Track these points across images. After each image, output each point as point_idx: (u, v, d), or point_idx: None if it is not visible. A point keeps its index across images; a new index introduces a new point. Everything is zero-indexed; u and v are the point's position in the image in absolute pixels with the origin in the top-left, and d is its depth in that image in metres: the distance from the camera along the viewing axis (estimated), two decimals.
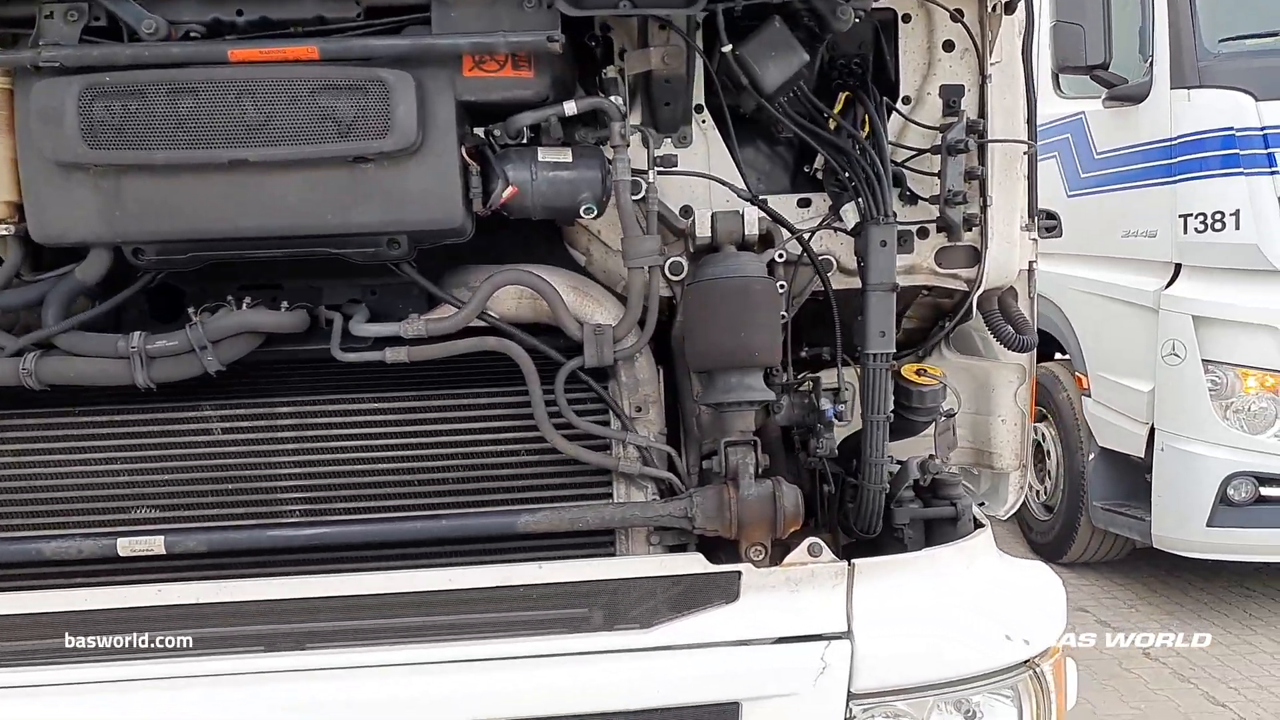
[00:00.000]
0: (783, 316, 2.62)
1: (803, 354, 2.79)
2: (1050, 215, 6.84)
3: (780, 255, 2.61)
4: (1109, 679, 5.45)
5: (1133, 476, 6.21)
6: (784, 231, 2.62)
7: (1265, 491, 5.62)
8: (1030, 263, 2.84)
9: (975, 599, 2.55)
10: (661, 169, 2.49)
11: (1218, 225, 5.53)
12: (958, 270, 2.72)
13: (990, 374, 2.98)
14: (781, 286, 2.61)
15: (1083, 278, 6.49)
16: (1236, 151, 5.50)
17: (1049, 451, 6.93)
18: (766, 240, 2.62)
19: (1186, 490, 5.74)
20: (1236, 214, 5.48)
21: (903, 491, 2.72)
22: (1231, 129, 5.49)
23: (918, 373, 2.69)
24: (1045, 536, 7.00)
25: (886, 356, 2.52)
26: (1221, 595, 6.42)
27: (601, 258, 2.71)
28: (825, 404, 2.59)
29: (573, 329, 2.51)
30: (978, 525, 2.80)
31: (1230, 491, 5.63)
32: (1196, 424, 5.68)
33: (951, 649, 2.46)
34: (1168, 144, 5.74)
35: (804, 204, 2.73)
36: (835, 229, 2.66)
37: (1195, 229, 5.60)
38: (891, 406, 2.57)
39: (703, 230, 2.52)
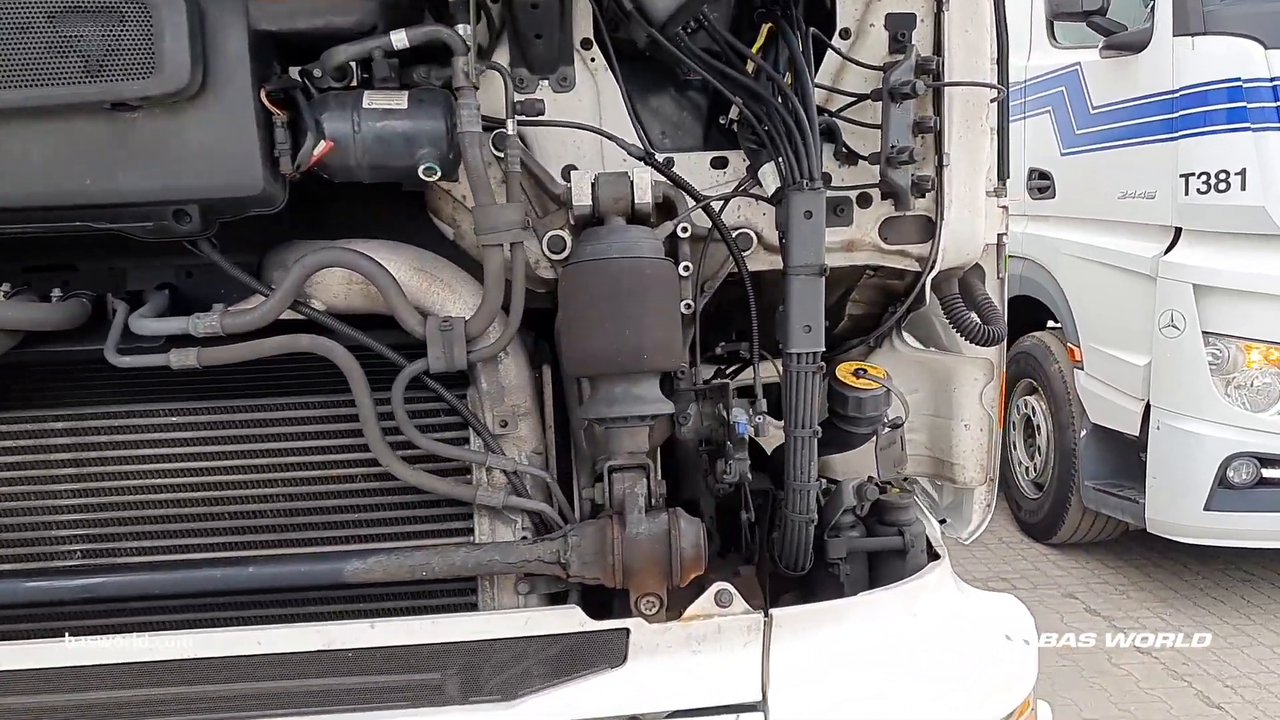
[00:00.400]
0: (687, 306, 2.05)
1: (718, 351, 2.22)
2: (1043, 175, 6.40)
3: (683, 229, 2.03)
4: (1097, 675, 4.92)
5: (1126, 455, 5.64)
6: (689, 199, 2.04)
7: (1267, 473, 5.09)
8: (999, 235, 2.26)
9: (921, 655, 2.03)
10: (524, 118, 1.91)
11: (1222, 185, 4.96)
12: (907, 246, 2.15)
13: (952, 370, 2.40)
14: (685, 268, 2.04)
15: (1076, 242, 5.90)
16: (1244, 105, 4.89)
17: (1039, 426, 6.39)
18: (667, 210, 2.04)
19: (1183, 471, 5.20)
20: (1242, 173, 4.90)
21: (841, 518, 2.18)
22: (1238, 80, 4.90)
23: (856, 373, 2.12)
24: (1034, 516, 6.47)
25: (814, 356, 1.96)
26: (1218, 580, 5.88)
27: (472, 231, 2.13)
28: (739, 414, 2.03)
29: (411, 324, 1.94)
30: (933, 555, 2.26)
31: (1230, 473, 5.09)
32: (1195, 401, 5.13)
33: None
34: (1169, 96, 5.15)
35: (719, 164, 2.15)
36: (754, 196, 2.08)
37: (1197, 189, 5.03)
38: (820, 417, 2.01)
39: (581, 197, 1.94)
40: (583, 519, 2.06)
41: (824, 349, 1.98)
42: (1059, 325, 6.19)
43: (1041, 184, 6.21)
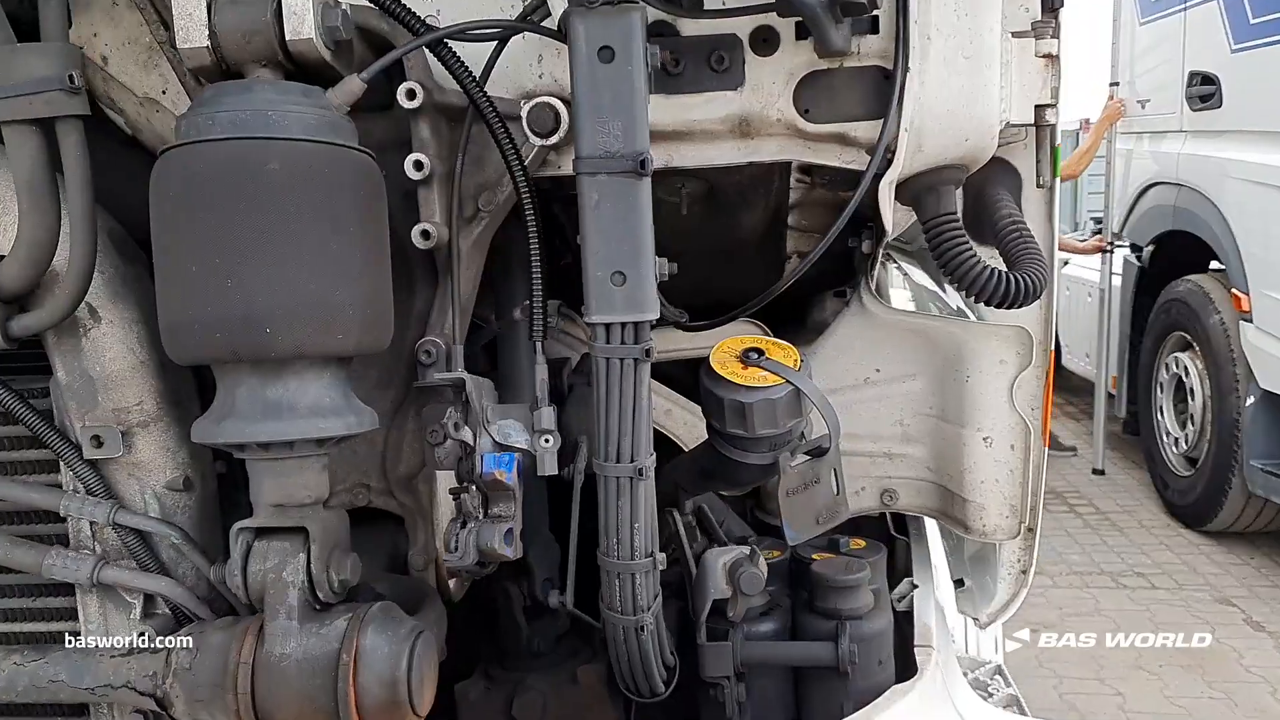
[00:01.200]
0: (424, 234, 1.12)
1: (516, 315, 1.27)
2: (1206, 79, 5.03)
3: (410, 94, 1.09)
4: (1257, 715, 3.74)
5: None
6: (409, 35, 1.09)
7: None
8: (1039, 109, 1.21)
9: None
10: None
11: None
12: (847, 126, 1.14)
13: (963, 346, 1.37)
14: (419, 165, 1.11)
15: (1248, 162, 4.73)
16: None
17: (1192, 390, 5.22)
18: (379, 50, 1.11)
19: None
20: None
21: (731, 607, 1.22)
22: None
23: (744, 357, 1.14)
24: (1185, 498, 5.35)
25: (634, 329, 1.01)
26: None
27: (147, 118, 1.25)
28: (510, 431, 1.09)
29: None
30: (907, 663, 1.29)
31: None
32: None
33: None
34: None
35: None
36: (538, 30, 1.12)
37: None
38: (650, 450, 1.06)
39: (191, 32, 1.01)
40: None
41: (657, 315, 1.02)
42: (1223, 268, 5.09)
43: (1204, 90, 4.95)
